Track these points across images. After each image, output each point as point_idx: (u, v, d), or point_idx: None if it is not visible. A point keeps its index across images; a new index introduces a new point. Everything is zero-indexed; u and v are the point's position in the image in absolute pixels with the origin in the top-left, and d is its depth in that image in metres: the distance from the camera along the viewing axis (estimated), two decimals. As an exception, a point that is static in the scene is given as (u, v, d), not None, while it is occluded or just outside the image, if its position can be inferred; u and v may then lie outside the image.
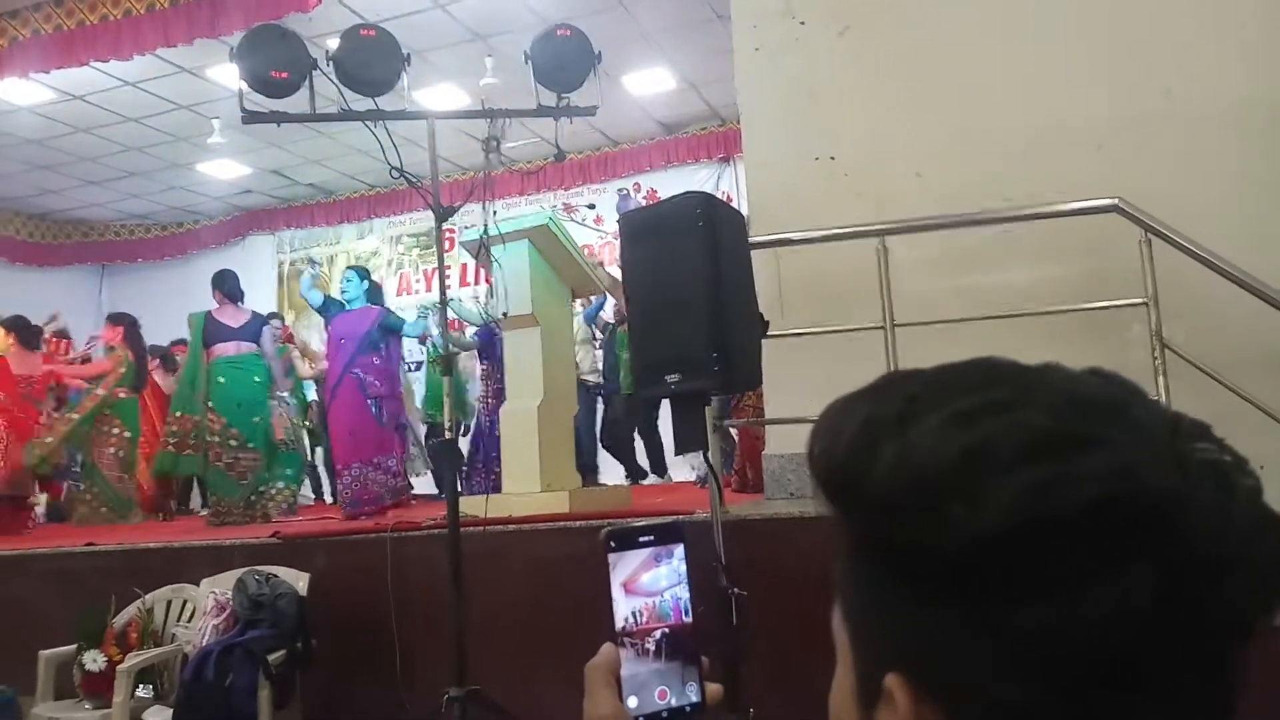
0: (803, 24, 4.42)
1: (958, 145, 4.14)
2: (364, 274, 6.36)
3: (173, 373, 8.06)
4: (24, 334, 7.19)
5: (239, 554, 4.16)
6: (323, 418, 7.20)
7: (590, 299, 7.32)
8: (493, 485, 5.84)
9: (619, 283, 7.02)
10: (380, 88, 3.30)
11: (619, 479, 7.87)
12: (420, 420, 8.11)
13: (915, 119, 4.23)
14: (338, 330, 6.05)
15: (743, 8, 4.59)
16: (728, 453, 6.95)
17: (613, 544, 0.72)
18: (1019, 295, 3.87)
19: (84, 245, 13.13)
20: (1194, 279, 3.41)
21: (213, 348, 6.36)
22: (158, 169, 11.18)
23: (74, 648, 3.77)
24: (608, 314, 7.97)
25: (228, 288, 6.53)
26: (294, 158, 11.14)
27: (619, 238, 3.05)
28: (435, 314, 6.24)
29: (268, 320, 6.88)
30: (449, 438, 3.62)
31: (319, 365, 7.66)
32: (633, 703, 0.69)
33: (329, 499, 8.17)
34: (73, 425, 6.95)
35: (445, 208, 3.30)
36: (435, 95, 9.01)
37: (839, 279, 4.11)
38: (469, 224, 5.62)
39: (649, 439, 7.71)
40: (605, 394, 7.97)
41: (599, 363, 8.02)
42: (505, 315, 4.57)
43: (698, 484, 5.99)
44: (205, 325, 6.39)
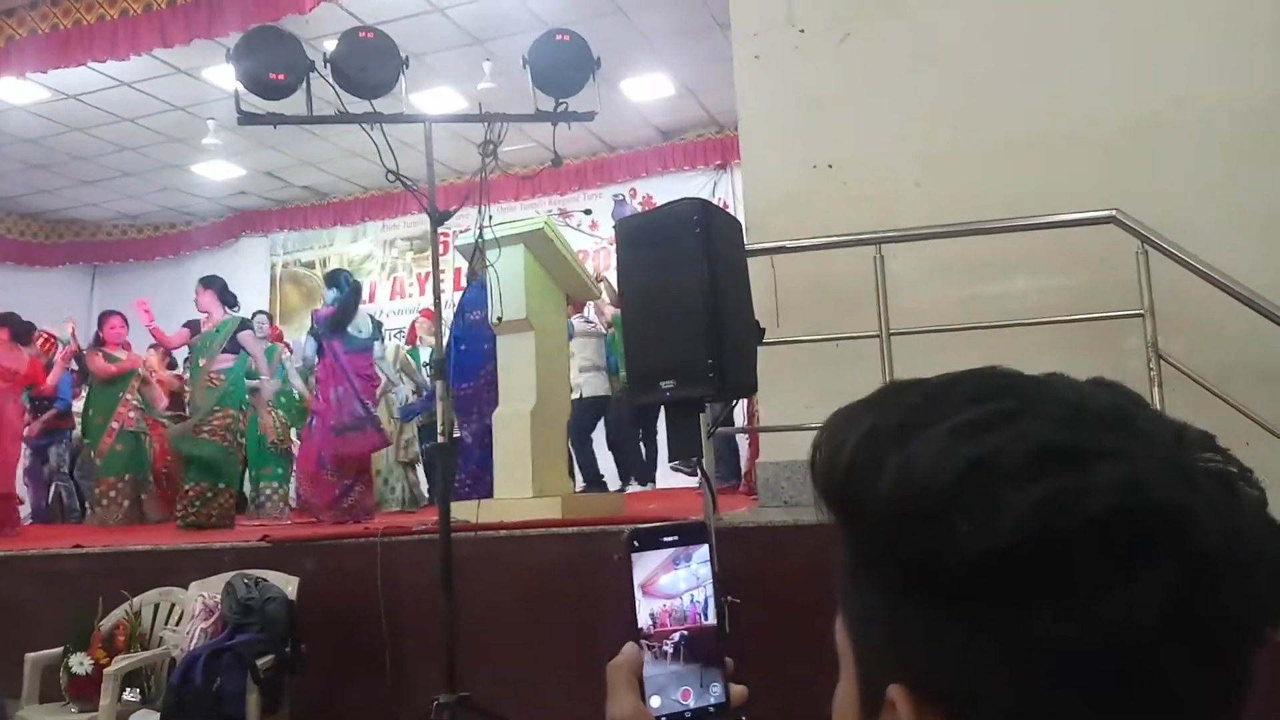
0: (802, 32, 4.43)
1: (957, 154, 4.14)
2: (331, 282, 6.42)
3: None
4: (16, 329, 7.17)
5: (228, 557, 4.13)
6: None
7: (584, 305, 7.29)
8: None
9: (615, 291, 7.00)
10: (378, 91, 3.28)
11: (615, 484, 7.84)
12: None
13: (914, 127, 4.23)
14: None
15: (743, 16, 4.59)
16: (731, 463, 6.95)
17: (636, 544, 0.72)
18: (1016, 304, 3.87)
19: (76, 245, 13.09)
20: (1193, 290, 3.41)
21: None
22: (152, 169, 11.15)
23: (60, 650, 3.73)
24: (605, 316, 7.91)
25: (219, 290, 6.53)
26: (288, 160, 11.12)
27: (615, 243, 3.03)
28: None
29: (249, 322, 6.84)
30: (443, 441, 3.59)
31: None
32: (655, 702, 0.69)
33: None
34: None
35: (441, 212, 3.28)
36: (432, 99, 9.00)
37: (836, 287, 4.10)
38: (464, 228, 5.61)
39: (647, 444, 7.68)
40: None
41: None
42: (500, 320, 4.55)
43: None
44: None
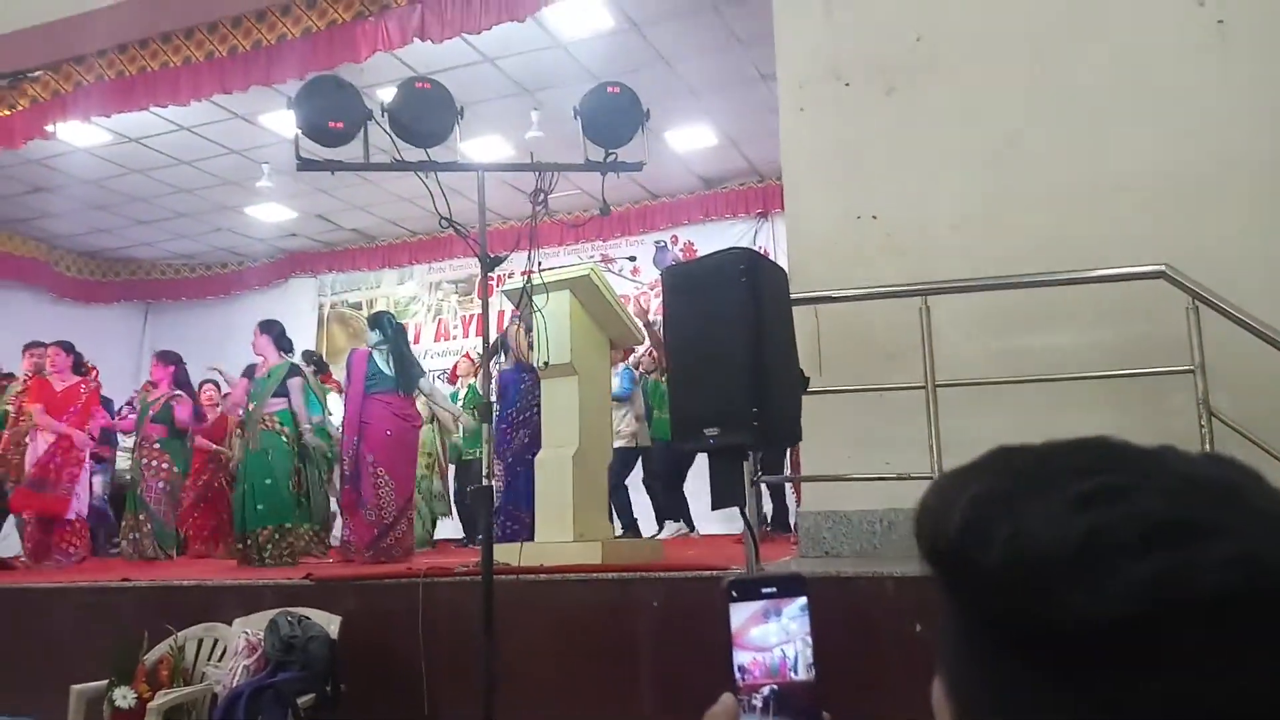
0: (847, 85, 4.47)
1: (1002, 205, 4.14)
2: (374, 324, 6.38)
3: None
4: (77, 358, 7.51)
5: (271, 594, 4.17)
6: None
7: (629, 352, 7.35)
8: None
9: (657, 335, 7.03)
10: (433, 139, 3.36)
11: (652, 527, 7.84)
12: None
13: (959, 179, 4.24)
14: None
15: (789, 68, 4.65)
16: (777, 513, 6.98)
17: (734, 594, 0.72)
18: (1062, 358, 3.84)
19: (130, 283, 13.41)
20: (1243, 345, 3.36)
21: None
22: (207, 211, 11.45)
23: (105, 683, 3.78)
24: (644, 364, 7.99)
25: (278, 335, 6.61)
26: (339, 203, 11.36)
27: (661, 289, 3.06)
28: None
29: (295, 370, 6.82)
30: (485, 484, 3.61)
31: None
32: None
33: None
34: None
35: (493, 257, 3.34)
36: (481, 146, 9.17)
37: (878, 336, 4.10)
38: (509, 272, 5.68)
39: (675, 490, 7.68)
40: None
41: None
42: (545, 364, 4.60)
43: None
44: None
